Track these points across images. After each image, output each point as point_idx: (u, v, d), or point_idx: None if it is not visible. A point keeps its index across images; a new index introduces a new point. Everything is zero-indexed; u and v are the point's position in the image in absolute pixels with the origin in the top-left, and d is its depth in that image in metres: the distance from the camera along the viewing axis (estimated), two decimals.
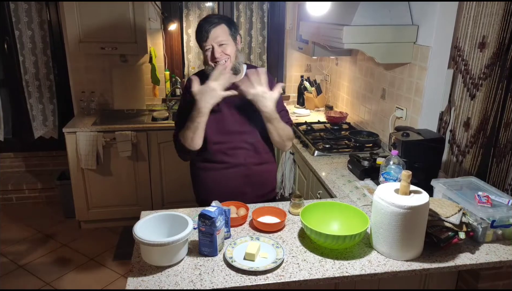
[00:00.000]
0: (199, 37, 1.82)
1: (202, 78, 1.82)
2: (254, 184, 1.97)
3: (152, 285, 1.31)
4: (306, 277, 1.35)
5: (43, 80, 3.82)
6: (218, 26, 1.79)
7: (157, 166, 3.32)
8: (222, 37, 1.79)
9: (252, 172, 1.95)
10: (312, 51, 3.05)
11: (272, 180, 2.08)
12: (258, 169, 1.96)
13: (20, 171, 4.10)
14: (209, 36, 1.78)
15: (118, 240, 3.27)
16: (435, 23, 2.14)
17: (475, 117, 2.20)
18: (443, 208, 1.53)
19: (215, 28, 1.78)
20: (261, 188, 2.01)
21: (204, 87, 1.74)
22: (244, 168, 1.93)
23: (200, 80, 1.80)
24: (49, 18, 3.71)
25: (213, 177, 1.94)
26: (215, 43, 1.79)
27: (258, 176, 1.97)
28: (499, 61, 2.08)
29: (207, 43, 1.80)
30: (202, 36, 1.79)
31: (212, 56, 1.81)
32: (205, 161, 1.94)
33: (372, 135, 2.71)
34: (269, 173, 2.04)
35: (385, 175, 1.77)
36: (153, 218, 1.49)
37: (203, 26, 1.79)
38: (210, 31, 1.78)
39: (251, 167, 1.94)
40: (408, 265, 1.42)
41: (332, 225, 1.61)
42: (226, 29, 1.81)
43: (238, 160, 1.92)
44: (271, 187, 2.08)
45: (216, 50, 1.79)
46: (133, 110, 3.62)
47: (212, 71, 1.78)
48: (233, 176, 1.93)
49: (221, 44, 1.80)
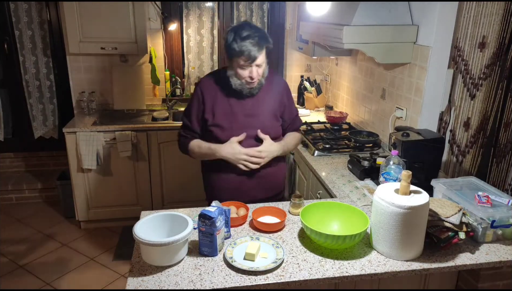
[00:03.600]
0: (238, 54, 1.76)
1: (217, 80, 1.87)
2: (263, 186, 1.98)
3: (152, 285, 1.31)
4: (306, 277, 1.35)
5: (43, 80, 3.83)
6: (262, 51, 1.77)
7: (157, 166, 3.32)
8: (261, 60, 1.79)
9: (262, 174, 1.95)
10: (312, 51, 3.05)
11: (281, 181, 2.10)
12: (268, 171, 1.97)
13: (20, 171, 4.10)
14: (254, 60, 1.76)
15: (118, 240, 3.27)
16: (435, 23, 2.14)
17: (475, 117, 2.20)
18: (443, 208, 1.53)
19: (260, 54, 1.77)
20: (270, 190, 2.02)
21: (237, 151, 1.83)
22: (255, 171, 1.93)
23: (214, 81, 1.88)
24: (49, 18, 3.71)
25: (223, 179, 1.95)
26: (255, 65, 1.78)
27: (267, 178, 1.98)
28: (499, 61, 2.08)
29: (248, 64, 1.77)
30: (246, 57, 1.75)
31: (249, 76, 1.80)
32: (216, 163, 1.94)
33: (372, 135, 2.71)
34: (279, 175, 2.05)
35: (385, 175, 1.77)
36: (153, 218, 1.49)
37: (248, 48, 1.74)
38: (256, 58, 1.76)
39: (261, 169, 1.94)
40: (408, 265, 1.42)
41: (332, 225, 1.61)
42: (264, 51, 1.80)
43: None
44: (280, 188, 2.10)
45: (254, 71, 1.79)
46: (133, 110, 3.62)
47: (240, 86, 1.83)
48: (243, 178, 1.93)
49: (259, 66, 1.80)
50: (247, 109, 1.89)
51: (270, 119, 1.93)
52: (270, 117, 1.93)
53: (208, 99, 1.90)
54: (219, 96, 1.90)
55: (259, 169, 1.92)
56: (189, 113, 1.95)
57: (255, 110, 1.90)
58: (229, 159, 1.85)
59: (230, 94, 1.88)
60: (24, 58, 3.71)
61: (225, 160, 1.88)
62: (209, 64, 3.82)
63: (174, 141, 3.27)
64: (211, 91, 1.91)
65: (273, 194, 2.04)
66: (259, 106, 1.90)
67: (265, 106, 1.92)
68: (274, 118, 1.95)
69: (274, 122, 1.95)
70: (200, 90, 1.92)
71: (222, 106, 1.89)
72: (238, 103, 1.89)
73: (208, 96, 1.90)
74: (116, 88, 3.58)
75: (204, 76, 2.02)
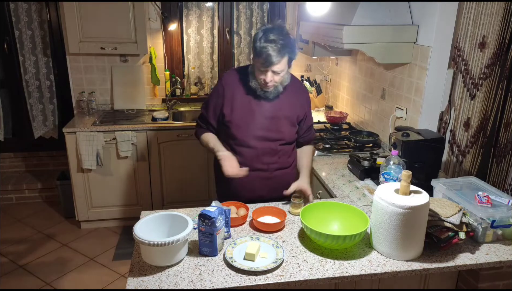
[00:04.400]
0: (258, 55, 1.74)
1: (241, 76, 1.88)
2: (273, 187, 1.97)
3: (152, 285, 1.31)
4: (306, 277, 1.35)
5: (43, 80, 3.83)
6: (282, 58, 1.74)
7: (157, 166, 3.32)
8: (280, 68, 1.77)
9: (273, 176, 1.96)
10: (312, 51, 3.05)
11: (291, 182, 2.08)
12: (279, 173, 1.97)
13: (20, 171, 4.10)
14: (270, 66, 1.74)
15: (118, 240, 3.27)
16: (435, 23, 2.14)
17: (475, 117, 2.20)
18: (443, 208, 1.53)
19: (279, 62, 1.74)
20: (279, 191, 2.01)
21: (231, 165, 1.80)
22: (266, 173, 1.94)
23: (238, 77, 1.89)
24: (49, 18, 3.72)
25: (235, 179, 1.93)
26: (271, 70, 1.77)
27: (277, 179, 1.98)
28: (499, 61, 2.08)
29: (264, 68, 1.76)
30: (264, 60, 1.73)
31: (263, 79, 1.79)
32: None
33: (372, 135, 2.71)
34: (289, 177, 2.04)
35: (385, 175, 1.77)
36: (153, 218, 1.49)
37: (268, 52, 1.71)
38: (273, 64, 1.73)
39: (273, 172, 1.95)
40: (408, 265, 1.42)
41: (332, 225, 1.61)
42: (286, 60, 1.77)
43: (261, 165, 1.93)
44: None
45: (269, 77, 1.78)
46: (133, 110, 3.62)
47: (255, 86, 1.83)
48: (254, 178, 1.93)
49: (276, 72, 1.78)
50: (267, 111, 1.89)
51: (288, 125, 1.93)
52: (287, 123, 1.93)
53: (229, 94, 1.89)
54: (241, 92, 1.89)
55: (272, 170, 1.94)
56: (208, 105, 1.97)
57: (275, 113, 1.89)
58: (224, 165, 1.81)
59: (251, 92, 1.87)
60: (24, 58, 3.71)
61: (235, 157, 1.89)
62: (209, 64, 3.82)
63: (174, 141, 3.29)
64: (232, 86, 1.90)
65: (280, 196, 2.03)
66: (279, 110, 1.90)
67: (285, 111, 1.91)
68: (291, 124, 1.95)
69: (290, 128, 1.95)
70: (222, 84, 1.92)
71: (242, 103, 1.88)
72: (259, 103, 1.88)
73: (229, 91, 1.89)
74: (116, 88, 3.58)
75: (230, 69, 2.01)
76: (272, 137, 1.91)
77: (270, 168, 1.94)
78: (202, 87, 3.88)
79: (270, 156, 1.93)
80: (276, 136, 1.91)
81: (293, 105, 1.94)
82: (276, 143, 1.92)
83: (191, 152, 3.31)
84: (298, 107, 1.96)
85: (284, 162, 1.98)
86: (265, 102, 1.89)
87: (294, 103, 1.94)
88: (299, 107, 1.97)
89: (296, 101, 1.95)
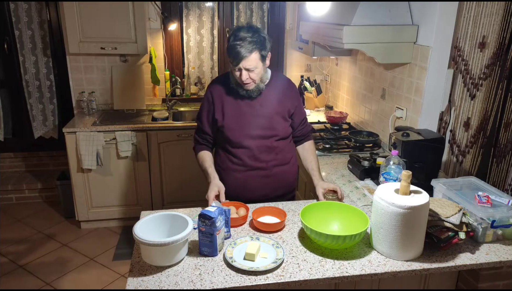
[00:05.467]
0: (230, 55, 1.77)
1: (226, 81, 1.91)
2: (274, 185, 1.98)
3: (152, 285, 1.31)
4: (306, 277, 1.35)
5: (43, 80, 3.83)
6: (251, 54, 1.74)
7: (157, 166, 3.32)
8: (252, 65, 1.77)
9: (273, 173, 1.96)
10: (312, 51, 3.05)
11: (293, 180, 2.09)
12: (279, 170, 1.97)
13: (20, 171, 4.10)
14: (240, 62, 1.75)
15: (118, 240, 3.27)
16: (435, 23, 2.14)
17: (475, 117, 2.20)
18: (443, 208, 1.53)
19: (249, 57, 1.74)
20: (281, 189, 2.02)
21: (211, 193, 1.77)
22: (266, 171, 1.94)
23: (223, 83, 1.92)
24: (49, 18, 3.72)
25: (234, 178, 1.95)
26: (244, 68, 1.77)
27: (278, 177, 1.98)
28: (499, 61, 2.08)
29: (236, 66, 1.77)
30: (233, 58, 1.76)
31: (239, 78, 1.81)
32: (227, 162, 1.96)
33: (372, 135, 2.71)
34: (290, 174, 2.05)
35: (385, 175, 1.77)
36: (153, 218, 1.49)
37: (236, 50, 1.73)
38: (242, 60, 1.74)
39: (272, 169, 1.95)
40: (408, 265, 1.42)
41: (332, 225, 1.61)
42: (257, 56, 1.77)
43: (260, 163, 1.93)
44: (291, 187, 2.09)
45: (244, 75, 1.78)
46: (133, 110, 3.62)
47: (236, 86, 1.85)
48: (254, 177, 1.94)
49: (250, 69, 1.78)
50: (256, 110, 1.90)
51: (279, 120, 1.94)
52: (279, 118, 1.93)
53: (218, 99, 1.92)
54: (228, 96, 1.91)
55: (271, 168, 1.94)
56: (201, 115, 1.98)
57: (265, 110, 1.90)
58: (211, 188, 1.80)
59: (239, 95, 1.89)
60: (24, 58, 3.71)
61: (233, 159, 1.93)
62: (209, 64, 3.82)
63: (174, 141, 3.29)
64: (220, 92, 1.92)
65: (283, 193, 2.04)
66: (269, 107, 1.91)
67: (275, 107, 1.92)
68: (282, 118, 1.95)
69: (283, 122, 1.95)
70: (210, 91, 1.95)
71: (232, 107, 1.90)
72: (247, 103, 1.90)
73: (218, 97, 1.92)
74: (116, 88, 3.58)
75: (215, 77, 2.05)
76: (266, 134, 1.91)
77: (269, 166, 1.94)
78: (202, 87, 3.88)
79: (267, 154, 1.93)
80: (270, 133, 1.92)
81: (282, 100, 1.94)
82: (271, 139, 1.93)
83: (191, 152, 3.25)
84: (288, 101, 1.96)
85: (282, 158, 1.97)
86: (254, 101, 1.90)
87: (283, 98, 1.95)
88: (289, 101, 1.97)
89: (284, 96, 1.96)
